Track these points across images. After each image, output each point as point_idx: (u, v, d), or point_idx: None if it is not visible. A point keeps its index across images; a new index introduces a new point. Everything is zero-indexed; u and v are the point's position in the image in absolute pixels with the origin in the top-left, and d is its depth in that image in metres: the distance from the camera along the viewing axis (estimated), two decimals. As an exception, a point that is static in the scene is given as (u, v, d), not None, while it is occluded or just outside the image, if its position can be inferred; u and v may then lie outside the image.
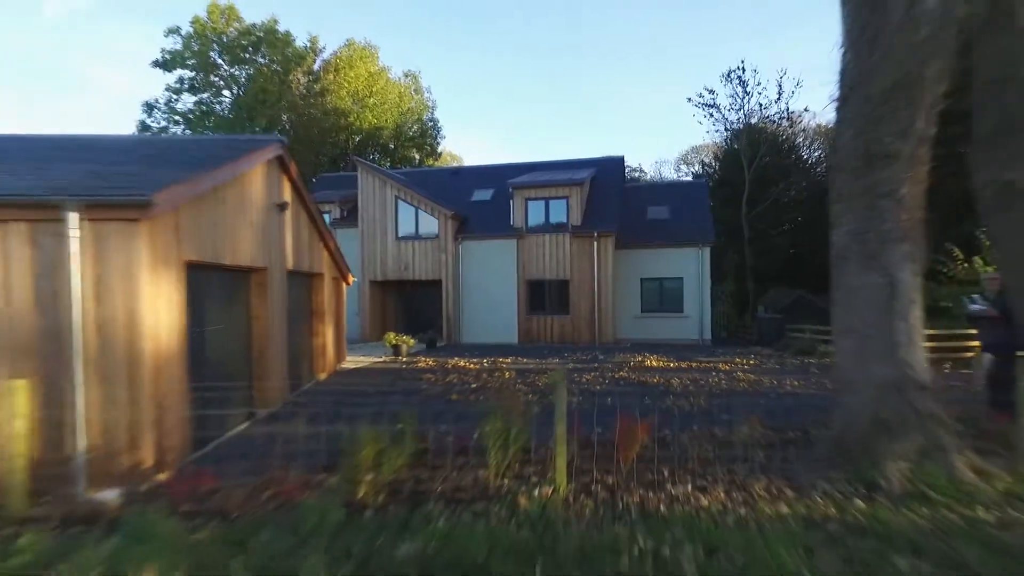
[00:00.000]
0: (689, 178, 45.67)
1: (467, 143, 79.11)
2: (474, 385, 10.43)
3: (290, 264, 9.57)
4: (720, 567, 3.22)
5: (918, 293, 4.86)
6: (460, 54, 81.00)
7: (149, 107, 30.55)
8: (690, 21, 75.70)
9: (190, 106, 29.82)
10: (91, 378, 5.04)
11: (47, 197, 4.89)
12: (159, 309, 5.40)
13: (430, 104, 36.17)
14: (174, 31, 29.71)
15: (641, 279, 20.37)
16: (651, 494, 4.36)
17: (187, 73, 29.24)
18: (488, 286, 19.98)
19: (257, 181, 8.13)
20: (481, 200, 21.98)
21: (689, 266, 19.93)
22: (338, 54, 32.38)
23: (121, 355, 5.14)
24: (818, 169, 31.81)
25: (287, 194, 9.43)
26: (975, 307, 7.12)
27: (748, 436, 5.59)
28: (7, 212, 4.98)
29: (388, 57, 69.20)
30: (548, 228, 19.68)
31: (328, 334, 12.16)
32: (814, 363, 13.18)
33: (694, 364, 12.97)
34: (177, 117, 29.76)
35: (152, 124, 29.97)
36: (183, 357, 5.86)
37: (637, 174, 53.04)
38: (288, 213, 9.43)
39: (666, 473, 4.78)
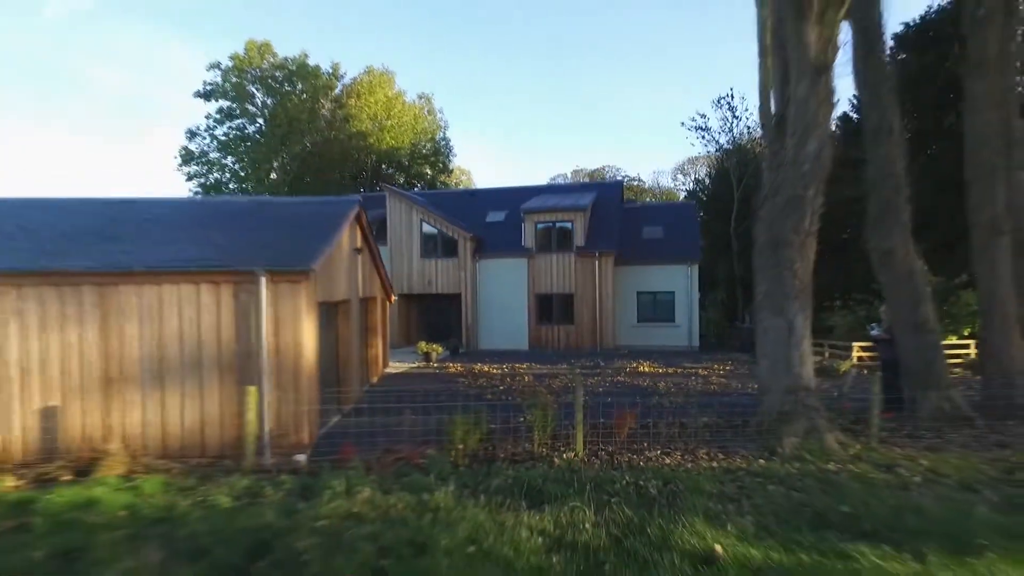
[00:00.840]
0: (685, 188, 48.46)
1: (472, 146, 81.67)
2: (501, 387, 13.13)
3: (361, 294, 12.28)
4: (669, 489, 5.91)
5: (807, 331, 7.57)
6: (464, 56, 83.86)
7: (192, 133, 33.51)
8: (690, 21, 78.52)
9: (226, 129, 32.74)
10: (271, 384, 7.74)
11: (249, 268, 7.59)
12: (309, 338, 8.10)
13: (442, 124, 39.05)
14: (215, 66, 32.66)
15: (637, 292, 23.06)
16: (634, 456, 7.05)
17: (226, 103, 32.07)
18: (502, 299, 22.70)
19: (347, 235, 10.84)
20: (495, 221, 24.67)
21: (679, 281, 22.61)
22: (359, 80, 35.12)
23: (289, 369, 7.84)
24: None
25: (359, 240, 12.13)
26: (874, 332, 9.84)
27: (703, 423, 8.29)
28: (220, 276, 7.68)
29: (403, 79, 71.91)
30: (555, 248, 22.39)
31: (379, 345, 14.88)
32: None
33: (679, 369, 15.68)
34: (217, 143, 32.72)
35: (193, 148, 33.03)
36: (317, 370, 8.56)
37: (636, 182, 55.85)
38: (360, 254, 12.14)
39: (645, 445, 7.47)
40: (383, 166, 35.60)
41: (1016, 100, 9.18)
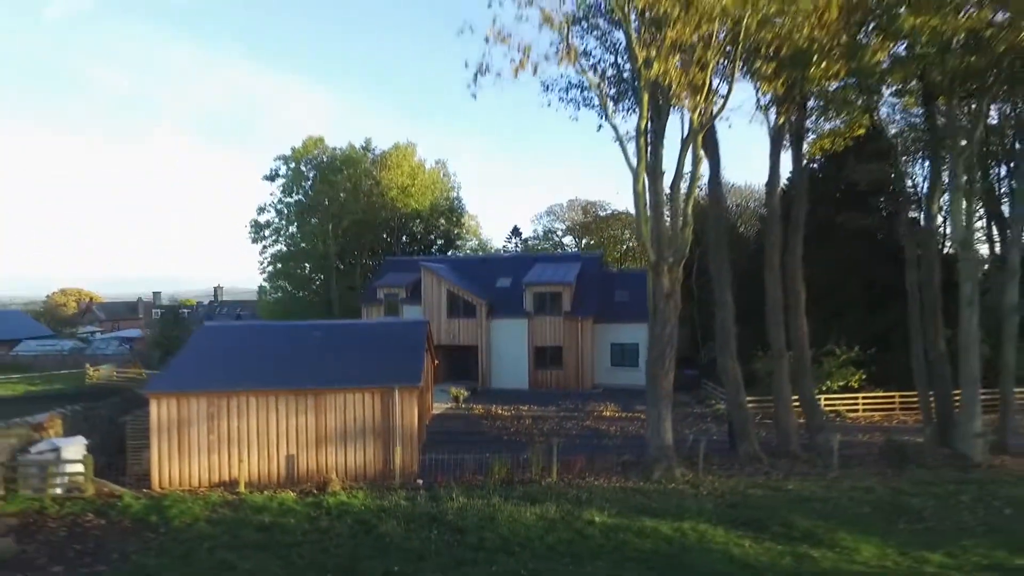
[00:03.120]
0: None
1: (480, 181, 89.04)
2: (512, 429, 20.71)
3: (427, 372, 19.80)
4: (591, 495, 13.43)
5: (669, 416, 15.12)
6: (475, 109, 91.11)
7: (260, 209, 41.32)
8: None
9: (287, 206, 40.46)
10: (399, 442, 15.28)
11: (389, 385, 15.16)
12: (414, 418, 15.64)
13: (455, 187, 46.75)
14: (280, 158, 40.46)
15: (610, 343, 30.54)
16: (581, 480, 14.61)
17: (286, 182, 39.95)
18: (509, 349, 30.25)
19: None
20: (503, 287, 32.19)
21: (642, 335, 29.55)
22: (388, 153, 42.64)
23: (407, 435, 15.39)
24: (751, 245, 41.98)
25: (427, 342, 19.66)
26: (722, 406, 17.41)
27: (624, 459, 15.82)
28: (375, 389, 15.23)
29: (424, 149, 79.26)
30: (548, 312, 29.94)
31: (431, 396, 22.42)
32: (708, 411, 23.44)
33: (630, 414, 23.15)
34: (281, 216, 40.58)
35: (261, 220, 41.12)
36: (418, 432, 16.09)
37: (623, 214, 63.17)
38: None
39: (586, 473, 15.02)
40: (409, 223, 43.18)
41: (793, 279, 16.77)
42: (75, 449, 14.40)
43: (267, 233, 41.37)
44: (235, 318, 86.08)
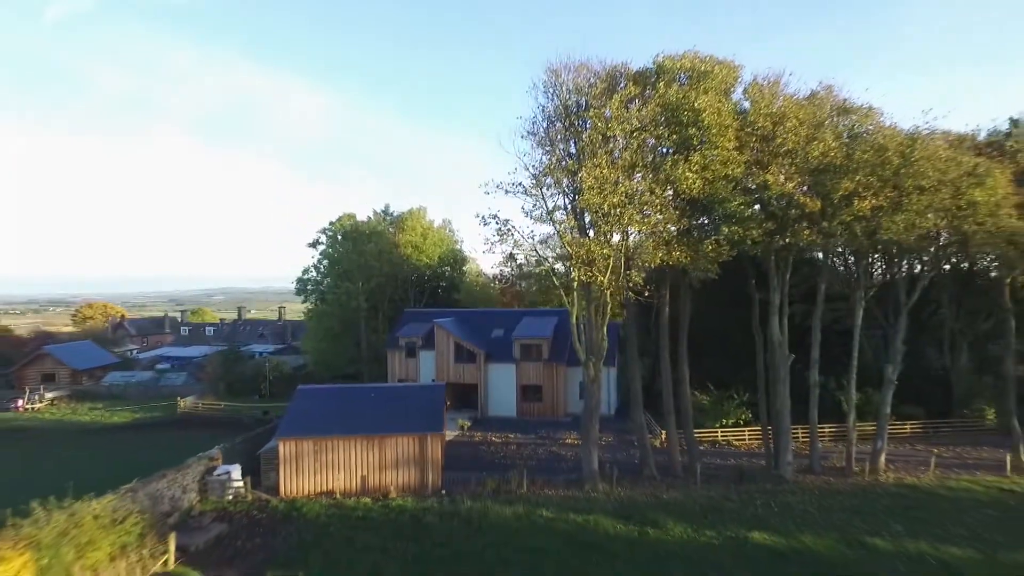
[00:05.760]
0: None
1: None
2: (502, 454, 30.27)
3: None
4: (543, 500, 22.94)
5: (596, 442, 24.68)
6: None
7: (304, 270, 51.07)
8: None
9: (325, 267, 50.34)
10: (429, 467, 24.84)
11: (423, 432, 24.76)
12: (440, 452, 25.19)
13: (458, 240, 56.50)
14: (323, 231, 50.59)
15: (578, 382, 39.92)
16: (540, 490, 24.14)
17: (325, 248, 49.75)
18: (501, 386, 39.82)
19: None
20: (497, 337, 41.74)
21: (604, 376, 39.60)
22: (404, 216, 52.23)
23: (437, 461, 24.96)
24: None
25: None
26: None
27: (568, 479, 25.32)
28: (414, 435, 24.80)
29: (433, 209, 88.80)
30: (532, 359, 39.50)
31: (444, 426, 31.91)
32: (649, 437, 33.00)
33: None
34: (317, 275, 50.44)
35: (306, 277, 50.88)
36: (442, 459, 25.66)
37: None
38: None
39: (544, 487, 24.54)
40: (424, 273, 52.92)
41: (680, 364, 26.32)
42: (237, 471, 24.02)
43: (309, 287, 51.08)
44: (258, 336, 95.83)
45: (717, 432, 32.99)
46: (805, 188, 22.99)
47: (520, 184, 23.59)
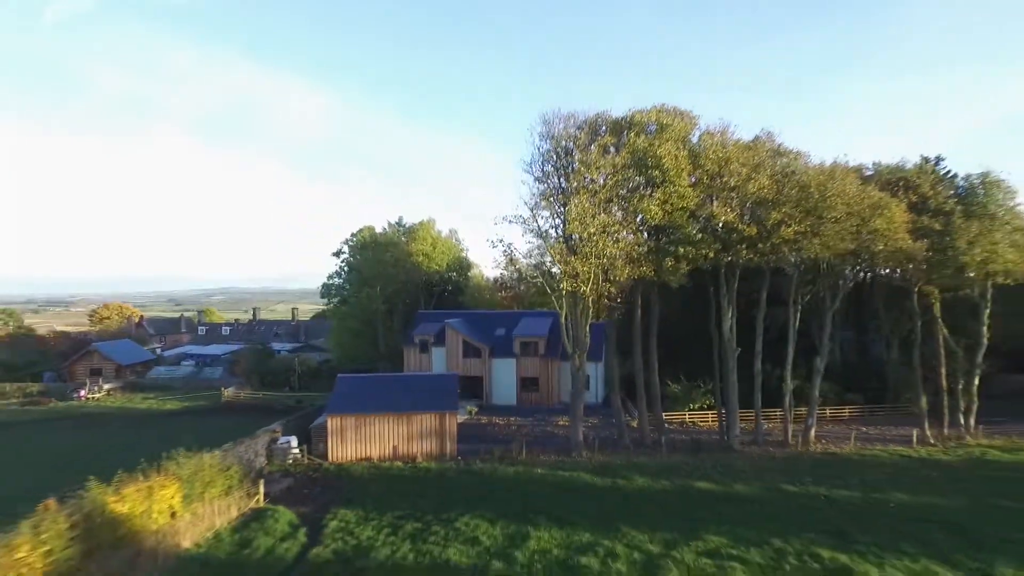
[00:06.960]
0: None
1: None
2: (505, 432, 36.39)
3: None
4: (538, 464, 29.04)
5: (581, 418, 30.80)
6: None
7: (329, 277, 57.25)
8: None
9: (347, 273, 56.52)
10: (447, 438, 30.93)
11: (441, 411, 30.88)
12: (455, 426, 31.30)
13: (464, 248, 62.67)
14: (345, 242, 56.72)
15: (571, 374, 46.13)
16: (536, 457, 30.25)
17: (347, 257, 56.03)
18: (503, 378, 45.94)
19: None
20: (499, 335, 47.87)
21: (592, 370, 45.77)
22: (415, 227, 58.43)
23: (452, 433, 31.07)
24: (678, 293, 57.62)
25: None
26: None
27: (558, 448, 31.40)
28: (434, 412, 30.91)
29: (441, 222, 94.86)
30: (530, 354, 45.63)
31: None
32: (626, 420, 39.14)
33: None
34: (340, 280, 56.75)
35: (331, 282, 57.11)
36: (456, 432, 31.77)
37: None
38: (456, 387, 35.39)
39: (539, 454, 30.65)
40: (433, 279, 59.10)
41: (649, 354, 32.43)
42: (295, 441, 30.16)
43: (333, 291, 57.47)
44: (274, 335, 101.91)
45: (685, 415, 39.16)
46: (745, 217, 29.16)
47: (520, 216, 29.73)
